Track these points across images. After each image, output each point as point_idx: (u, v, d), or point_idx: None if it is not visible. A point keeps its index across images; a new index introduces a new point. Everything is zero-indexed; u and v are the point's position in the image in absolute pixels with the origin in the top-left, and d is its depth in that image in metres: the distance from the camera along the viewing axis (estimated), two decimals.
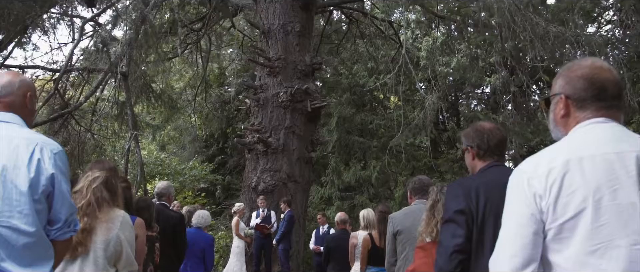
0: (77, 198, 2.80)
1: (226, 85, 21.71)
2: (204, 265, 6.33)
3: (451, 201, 2.37)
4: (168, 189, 5.71)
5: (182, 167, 17.31)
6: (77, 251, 2.70)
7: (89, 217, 2.75)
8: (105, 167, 2.99)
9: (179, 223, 5.47)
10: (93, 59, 11.97)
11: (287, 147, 11.69)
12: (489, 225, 2.26)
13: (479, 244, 2.26)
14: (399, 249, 3.92)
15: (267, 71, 12.33)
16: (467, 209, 2.30)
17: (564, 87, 1.70)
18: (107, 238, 2.76)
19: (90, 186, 2.84)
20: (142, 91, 14.66)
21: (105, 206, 2.82)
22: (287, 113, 11.89)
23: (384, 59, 17.88)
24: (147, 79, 14.36)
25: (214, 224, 15.03)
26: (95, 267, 2.71)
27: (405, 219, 3.95)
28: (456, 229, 2.29)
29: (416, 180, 4.18)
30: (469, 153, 2.63)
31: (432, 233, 2.92)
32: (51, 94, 11.03)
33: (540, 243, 1.52)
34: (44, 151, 2.01)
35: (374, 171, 16.92)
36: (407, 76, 14.88)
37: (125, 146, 12.61)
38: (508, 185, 1.66)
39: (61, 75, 11.01)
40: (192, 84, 19.19)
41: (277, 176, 11.48)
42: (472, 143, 2.59)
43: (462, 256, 2.26)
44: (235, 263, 9.91)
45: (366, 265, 5.54)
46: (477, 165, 2.58)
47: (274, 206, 11.06)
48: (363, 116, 18.85)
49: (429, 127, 13.46)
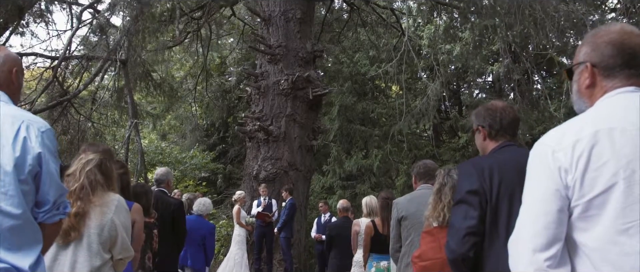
0: (69, 181, 2.69)
1: (227, 75, 21.59)
2: (204, 253, 6.24)
3: (463, 181, 2.24)
4: (167, 175, 5.60)
5: (182, 156, 17.21)
6: (70, 236, 2.58)
7: (82, 201, 2.64)
8: (99, 149, 2.87)
9: (178, 210, 5.36)
10: (92, 46, 11.83)
11: (288, 135, 11.58)
12: (503, 206, 2.15)
13: (493, 226, 2.14)
14: (403, 234, 3.81)
15: (268, 59, 12.21)
16: (480, 189, 2.18)
17: (589, 55, 1.55)
18: (102, 223, 2.65)
19: (83, 168, 2.72)
20: (142, 79, 14.55)
21: (99, 189, 2.70)
22: (288, 101, 11.77)
23: (386, 47, 17.71)
24: (147, 67, 14.21)
25: (215, 213, 14.97)
26: (89, 252, 2.60)
27: (410, 205, 3.84)
28: (469, 210, 2.17)
29: (421, 164, 4.06)
30: (479, 133, 2.49)
31: (439, 218, 2.80)
32: (50, 82, 10.92)
33: (565, 221, 1.39)
34: (30, 128, 1.88)
35: (375, 160, 16.85)
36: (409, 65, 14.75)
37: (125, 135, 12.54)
38: (529, 159, 1.52)
39: (59, 62, 10.90)
40: (192, 73, 19.06)
41: (278, 164, 11.39)
42: (484, 122, 2.46)
43: (475, 239, 2.14)
44: (237, 251, 9.83)
45: (369, 252, 5.43)
46: (488, 145, 2.45)
47: (275, 195, 10.96)
48: (364, 105, 18.75)
49: (432, 113, 13.32)
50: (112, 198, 2.73)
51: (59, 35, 15.70)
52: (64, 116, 11.91)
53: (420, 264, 2.79)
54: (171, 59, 19.85)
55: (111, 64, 11.99)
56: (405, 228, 3.78)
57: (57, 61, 10.94)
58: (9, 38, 9.47)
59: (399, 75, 13.57)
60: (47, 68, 11.51)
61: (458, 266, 2.19)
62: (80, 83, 11.57)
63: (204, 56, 16.64)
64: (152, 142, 19.64)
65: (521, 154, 2.35)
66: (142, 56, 13.43)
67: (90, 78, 10.90)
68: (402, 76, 13.34)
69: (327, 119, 17.61)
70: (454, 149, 18.81)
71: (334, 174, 17.16)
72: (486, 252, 2.15)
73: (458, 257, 2.15)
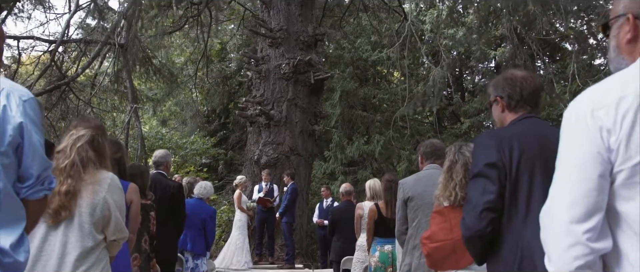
0: (59, 158, 2.53)
1: (227, 61, 21.42)
2: (205, 237, 6.11)
3: (481, 153, 2.08)
4: (165, 157, 5.45)
5: (183, 142, 17.09)
6: (61, 216, 2.43)
7: (73, 178, 2.48)
8: (91, 125, 2.71)
9: (178, 192, 5.22)
10: (90, 30, 11.67)
11: (289, 120, 11.46)
12: (523, 181, 1.99)
13: (512, 201, 1.99)
14: (410, 216, 3.66)
15: (269, 42, 12.07)
16: (499, 162, 2.01)
17: (630, 6, 1.37)
18: (93, 202, 2.49)
19: (74, 144, 2.56)
20: (141, 64, 14.40)
21: (91, 166, 2.54)
22: (290, 85, 11.64)
23: (388, 33, 17.50)
24: (147, 51, 14.05)
25: (216, 199, 14.89)
26: (80, 233, 2.45)
27: (416, 185, 3.68)
28: (487, 184, 2.01)
29: (428, 143, 3.90)
30: (497, 105, 2.31)
31: (450, 197, 2.64)
32: (47, 66, 10.78)
33: (606, 189, 1.23)
34: (10, 97, 1.71)
35: (377, 146, 16.73)
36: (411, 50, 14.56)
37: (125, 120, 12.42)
38: (563, 122, 1.34)
39: (57, 46, 10.76)
40: (193, 59, 18.90)
41: (280, 149, 11.28)
42: (502, 93, 2.27)
43: (493, 215, 1.99)
44: (238, 236, 9.72)
45: (373, 236, 5.30)
46: (507, 118, 2.27)
47: (276, 180, 10.85)
48: (366, 90, 18.61)
49: (438, 97, 13.15)
50: (104, 176, 2.58)
51: (57, 18, 15.50)
52: (63, 101, 11.78)
53: (430, 246, 2.65)
54: (171, 45, 19.73)
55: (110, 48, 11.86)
56: (411, 209, 3.63)
57: (55, 45, 10.79)
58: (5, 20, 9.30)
59: (401, 60, 13.42)
60: (44, 52, 11.34)
61: (474, 243, 2.04)
62: (79, 67, 11.41)
63: (204, 42, 16.46)
64: (153, 128, 19.52)
65: (543, 126, 2.20)
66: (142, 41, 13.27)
67: (88, 61, 10.74)
68: (404, 61, 13.18)
69: (328, 104, 17.46)
70: (456, 135, 18.68)
71: (335, 160, 17.06)
72: (504, 229, 2.00)
73: (475, 235, 2.00)
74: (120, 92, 14.59)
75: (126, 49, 11.06)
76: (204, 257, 6.19)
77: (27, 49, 11.44)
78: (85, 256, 2.45)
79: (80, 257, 2.43)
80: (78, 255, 2.42)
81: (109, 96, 14.85)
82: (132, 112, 11.97)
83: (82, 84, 13.82)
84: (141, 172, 4.21)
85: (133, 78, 13.96)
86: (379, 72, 20.44)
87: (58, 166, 2.50)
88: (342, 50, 18.93)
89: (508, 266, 1.97)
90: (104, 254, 2.55)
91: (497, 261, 2.03)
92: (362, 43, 18.56)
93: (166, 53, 18.86)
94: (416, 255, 3.51)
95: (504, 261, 1.99)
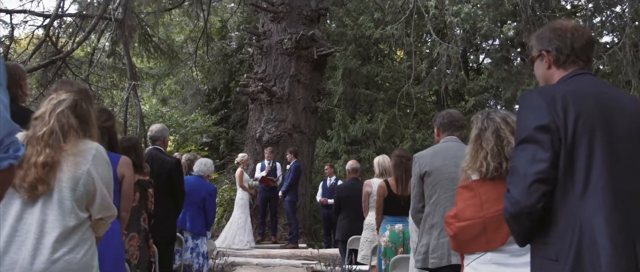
0: (37, 125, 2.22)
1: (228, 39, 21.09)
2: (204, 216, 5.84)
3: (529, 115, 1.75)
4: (162, 132, 5.14)
5: (183, 119, 16.83)
6: (38, 190, 2.12)
7: (51, 148, 2.16)
8: (74, 88, 2.38)
9: (175, 169, 4.93)
10: (86, 3, 11.32)
11: (292, 97, 11.18)
12: (581, 147, 1.68)
13: (567, 172, 1.68)
14: (427, 193, 3.34)
15: (271, 17, 11.74)
16: (552, 124, 1.70)
17: None
18: (75, 175, 2.18)
19: (54, 110, 2.24)
20: (140, 42, 14.10)
21: (72, 135, 2.22)
22: (292, 61, 11.33)
23: (392, 10, 17.12)
24: (145, 27, 13.70)
25: (217, 178, 14.68)
26: (60, 210, 2.14)
27: (434, 158, 3.36)
28: (537, 151, 1.69)
29: (445, 114, 3.59)
30: (543, 60, 1.97)
31: (481, 168, 2.31)
32: (42, 41, 10.46)
33: None
34: None
35: (381, 124, 16.49)
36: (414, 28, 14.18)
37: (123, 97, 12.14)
38: None
39: (52, 20, 10.43)
40: (192, 37, 18.58)
41: (282, 126, 11.01)
42: (549, 46, 1.93)
43: (546, 188, 1.67)
44: (240, 215, 9.49)
45: (382, 215, 5.03)
46: (554, 75, 1.94)
47: (279, 157, 10.60)
48: (369, 68, 18.31)
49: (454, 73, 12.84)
50: (88, 146, 2.25)
51: None
52: (59, 78, 11.46)
53: (457, 225, 2.33)
54: (171, 23, 19.44)
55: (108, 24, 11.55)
56: (429, 185, 3.32)
57: (50, 19, 10.46)
58: None
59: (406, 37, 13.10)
60: (38, 26, 11.00)
61: (521, 221, 1.73)
62: (75, 43, 11.07)
63: (204, 20, 16.12)
64: (153, 107, 19.28)
65: (601, 84, 1.89)
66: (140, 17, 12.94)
67: (84, 36, 10.39)
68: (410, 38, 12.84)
69: (330, 83, 17.17)
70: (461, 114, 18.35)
71: (338, 139, 16.84)
72: (558, 205, 1.69)
73: (523, 211, 1.68)
74: (118, 69, 14.31)
75: (123, 23, 10.72)
76: (203, 237, 5.93)
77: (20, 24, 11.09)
78: (67, 237, 2.13)
79: (61, 237, 2.12)
80: (58, 235, 2.11)
81: (108, 73, 14.57)
82: (131, 89, 11.69)
83: (79, 60, 13.53)
84: (134, 145, 3.90)
85: (132, 55, 13.67)
86: (382, 50, 20.10)
87: (35, 134, 2.19)
88: (345, 28, 18.57)
89: (562, 248, 1.67)
90: (88, 234, 2.24)
91: (546, 243, 1.72)
92: (365, 20, 18.19)
93: (165, 31, 18.57)
94: (434, 235, 3.22)
95: (557, 242, 1.69)
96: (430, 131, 17.32)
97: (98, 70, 13.86)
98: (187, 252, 5.82)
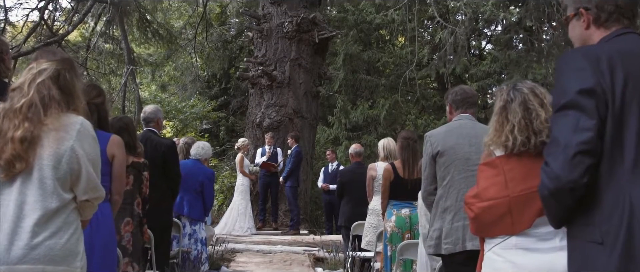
0: (15, 97, 2.01)
1: (228, 25, 20.85)
2: (202, 201, 5.65)
3: (571, 77, 1.53)
4: (156, 113, 4.93)
5: (182, 105, 16.66)
6: (15, 168, 1.91)
7: (30, 122, 1.94)
8: (56, 57, 2.16)
9: (170, 151, 4.72)
10: None
11: (293, 81, 11.00)
12: (631, 114, 1.47)
13: (615, 142, 1.47)
14: (440, 174, 3.12)
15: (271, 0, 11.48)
16: (597, 87, 1.48)
17: None
18: (58, 152, 1.95)
19: (33, 80, 2.01)
20: (138, 27, 13.88)
21: (54, 108, 1.99)
22: (293, 44, 11.14)
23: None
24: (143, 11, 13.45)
25: (217, 165, 14.53)
26: (41, 190, 1.92)
27: (447, 137, 3.14)
28: (581, 118, 1.47)
29: (458, 90, 3.35)
30: (580, 20, 1.74)
31: (507, 142, 2.08)
32: (37, 24, 10.25)
33: None
34: None
35: (382, 110, 16.33)
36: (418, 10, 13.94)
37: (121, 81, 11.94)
38: None
39: (47, 3, 10.21)
40: (191, 23, 18.35)
41: (283, 111, 10.85)
42: (589, 4, 1.71)
43: (591, 160, 1.47)
44: (240, 202, 9.34)
45: (388, 199, 4.84)
46: (593, 36, 1.72)
47: (280, 143, 10.43)
48: (370, 54, 18.10)
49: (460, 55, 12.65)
50: (72, 120, 2.02)
51: None
52: None
53: (478, 206, 2.11)
54: (169, 8, 19.21)
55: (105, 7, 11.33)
56: (442, 166, 3.10)
57: (44, 2, 10.24)
58: None
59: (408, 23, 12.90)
60: (33, 9, 10.77)
61: (562, 199, 1.52)
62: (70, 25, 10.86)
63: (203, 5, 15.89)
64: (152, 93, 19.10)
65: None
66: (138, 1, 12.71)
67: (79, 18, 10.17)
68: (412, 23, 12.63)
69: (331, 68, 16.97)
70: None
71: (339, 125, 16.68)
72: (603, 181, 1.49)
73: (565, 187, 1.47)
74: (116, 55, 14.11)
75: (120, 6, 10.50)
76: (202, 222, 5.75)
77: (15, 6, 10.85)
78: (48, 220, 1.92)
79: (41, 221, 1.90)
80: (38, 218, 1.89)
81: (106, 59, 14.37)
82: (129, 73, 11.50)
83: (76, 45, 13.33)
84: (126, 125, 3.68)
85: (130, 41, 13.46)
86: (383, 36, 19.88)
87: (12, 107, 1.98)
88: (346, 13, 18.34)
89: (609, 230, 1.46)
90: (73, 217, 2.02)
91: (589, 224, 1.52)
92: (366, 5, 17.96)
93: (164, 16, 18.33)
94: (448, 219, 3.01)
95: (602, 223, 1.48)
96: (433, 117, 17.17)
97: (96, 55, 13.66)
98: (185, 238, 5.65)
